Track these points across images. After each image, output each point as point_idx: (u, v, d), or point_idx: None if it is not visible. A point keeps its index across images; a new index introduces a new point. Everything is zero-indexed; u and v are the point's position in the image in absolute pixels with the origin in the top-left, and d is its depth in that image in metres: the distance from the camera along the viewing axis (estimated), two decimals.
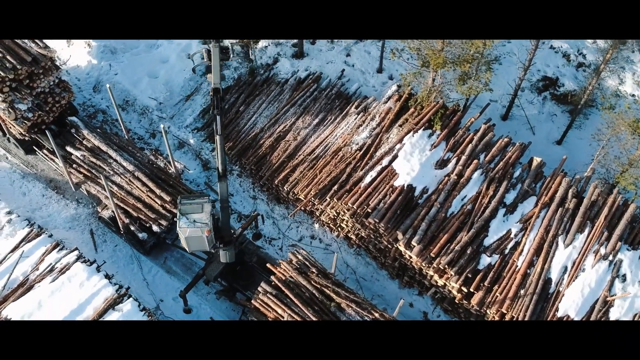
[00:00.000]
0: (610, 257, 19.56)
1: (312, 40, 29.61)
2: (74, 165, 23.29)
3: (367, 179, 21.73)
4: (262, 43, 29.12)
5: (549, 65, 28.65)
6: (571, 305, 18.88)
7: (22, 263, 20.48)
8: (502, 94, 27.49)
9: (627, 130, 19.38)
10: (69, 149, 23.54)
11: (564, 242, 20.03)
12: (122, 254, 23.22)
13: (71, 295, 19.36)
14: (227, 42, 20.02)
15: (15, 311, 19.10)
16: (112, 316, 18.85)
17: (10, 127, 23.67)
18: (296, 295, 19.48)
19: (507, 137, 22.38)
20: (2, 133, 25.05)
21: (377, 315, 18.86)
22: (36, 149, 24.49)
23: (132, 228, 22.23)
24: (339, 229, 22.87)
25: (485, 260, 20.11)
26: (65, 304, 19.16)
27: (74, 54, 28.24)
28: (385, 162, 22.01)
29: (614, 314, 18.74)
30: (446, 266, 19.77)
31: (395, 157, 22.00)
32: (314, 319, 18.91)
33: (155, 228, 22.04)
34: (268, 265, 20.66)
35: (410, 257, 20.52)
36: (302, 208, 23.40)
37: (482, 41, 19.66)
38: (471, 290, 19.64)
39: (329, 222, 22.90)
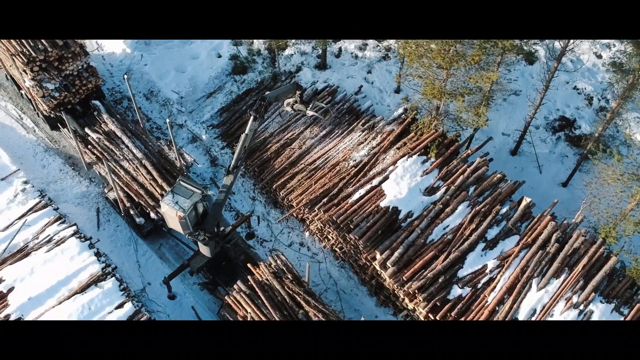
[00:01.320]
0: (582, 307, 19.47)
1: (338, 53, 30.36)
2: (89, 146, 24.89)
3: (356, 196, 22.32)
4: (288, 51, 30.08)
5: (569, 106, 28.40)
6: None
7: (25, 231, 22.16)
8: (515, 128, 27.47)
9: (614, 184, 19.24)
10: (87, 130, 25.16)
11: (537, 285, 20.04)
12: (122, 234, 24.60)
13: (61, 266, 20.82)
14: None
15: (10, 274, 20.73)
16: (93, 292, 20.17)
17: (39, 104, 25.45)
18: (268, 298, 20.29)
19: (500, 174, 22.48)
20: (33, 107, 26.96)
21: None
22: (60, 126, 26.23)
23: (132, 212, 23.57)
24: (326, 240, 23.54)
25: (457, 291, 20.35)
26: (55, 274, 20.63)
27: (110, 42, 29.94)
28: (375, 181, 22.53)
29: None
30: (416, 291, 20.14)
31: (386, 178, 22.50)
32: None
33: (152, 215, 23.26)
34: (249, 265, 21.56)
35: (385, 278, 20.98)
36: (293, 215, 24.20)
37: (480, 75, 19.92)
38: (437, 318, 19.94)
39: (317, 232, 23.61)
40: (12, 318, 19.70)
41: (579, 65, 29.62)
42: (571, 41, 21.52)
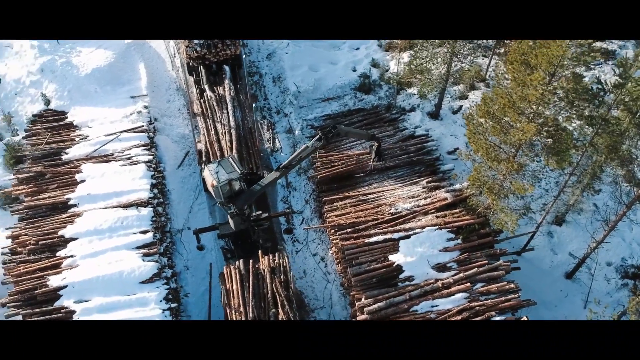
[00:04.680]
0: None
1: (456, 110, 30.82)
2: (201, 100, 28.85)
3: (373, 239, 23.38)
4: (412, 90, 31.24)
5: None
6: None
7: (119, 143, 26.76)
8: (584, 249, 25.83)
9: None
10: (206, 86, 29.13)
11: None
12: (193, 181, 28.35)
13: (123, 181, 25.08)
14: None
15: (88, 170, 25.55)
16: (132, 212, 24.01)
17: (182, 50, 29.96)
18: (254, 286, 22.48)
19: (514, 284, 21.91)
20: None
21: None
22: (194, 74, 30.58)
23: (203, 166, 27.06)
24: (339, 265, 24.97)
25: None
26: (115, 184, 24.94)
27: None
28: (397, 235, 23.33)
29: None
30: None
31: (407, 237, 23.18)
32: (250, 311, 21.66)
33: None
34: (259, 252, 23.86)
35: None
36: (321, 230, 25.92)
37: (517, 185, 19.76)
38: None
39: (335, 254, 25.12)
40: (71, 203, 24.38)
41: None
42: None
